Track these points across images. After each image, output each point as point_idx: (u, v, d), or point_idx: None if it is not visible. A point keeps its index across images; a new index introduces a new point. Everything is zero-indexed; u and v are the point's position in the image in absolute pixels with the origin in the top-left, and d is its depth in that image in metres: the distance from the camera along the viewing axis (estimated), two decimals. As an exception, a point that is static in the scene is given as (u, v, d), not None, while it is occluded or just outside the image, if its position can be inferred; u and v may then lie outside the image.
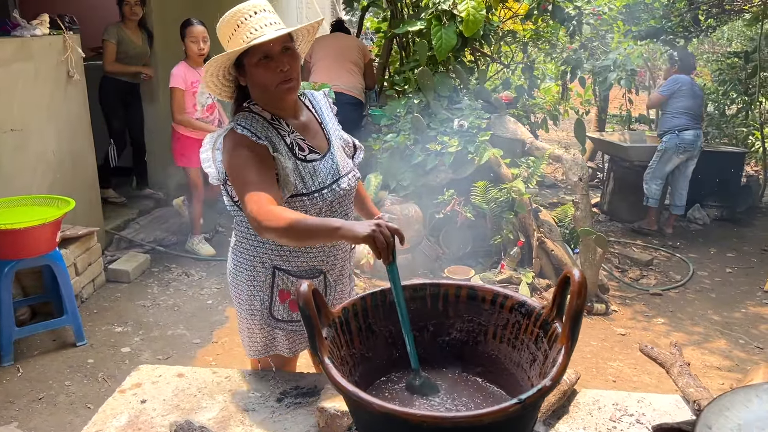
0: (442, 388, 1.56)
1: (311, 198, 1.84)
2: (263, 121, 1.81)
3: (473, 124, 4.55)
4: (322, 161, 1.88)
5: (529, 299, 1.57)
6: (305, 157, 1.85)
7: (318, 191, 1.84)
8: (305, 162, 1.84)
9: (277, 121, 1.84)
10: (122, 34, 5.27)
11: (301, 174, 1.83)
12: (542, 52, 7.41)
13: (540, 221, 4.49)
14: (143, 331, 3.77)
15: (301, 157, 1.84)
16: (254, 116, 1.81)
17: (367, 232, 1.45)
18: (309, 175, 1.84)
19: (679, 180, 5.87)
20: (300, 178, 1.82)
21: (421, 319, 1.68)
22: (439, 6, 4.50)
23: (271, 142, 1.78)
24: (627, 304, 4.44)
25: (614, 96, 10.25)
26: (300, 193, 1.82)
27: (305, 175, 1.83)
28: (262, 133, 1.77)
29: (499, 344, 1.62)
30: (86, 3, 7.42)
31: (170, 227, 5.32)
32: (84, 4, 7.19)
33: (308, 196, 1.83)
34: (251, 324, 2.01)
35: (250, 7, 1.75)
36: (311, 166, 1.85)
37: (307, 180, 1.83)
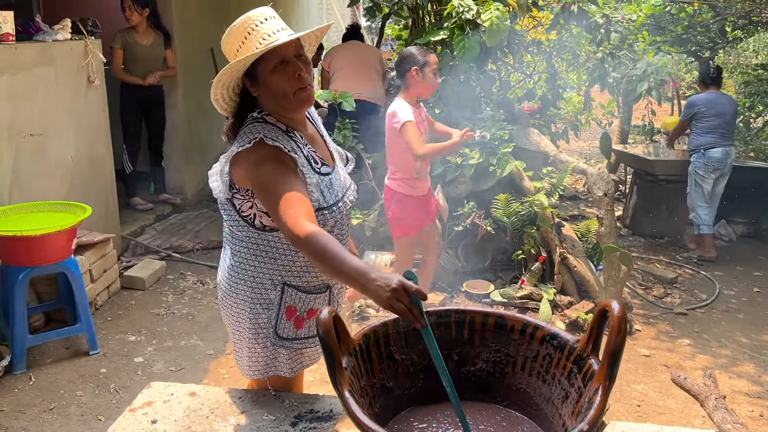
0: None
1: (331, 211, 1.79)
2: (282, 133, 1.75)
3: (495, 135, 4.46)
4: (334, 174, 1.85)
5: (562, 331, 1.48)
6: (320, 170, 1.80)
7: (335, 204, 1.80)
8: (321, 175, 1.80)
9: (292, 133, 1.79)
10: (128, 38, 5.25)
11: (321, 187, 1.78)
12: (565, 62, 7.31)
13: (562, 236, 4.39)
14: (157, 340, 3.72)
15: (317, 170, 1.79)
16: (272, 127, 1.74)
17: (384, 302, 1.38)
18: (327, 189, 1.79)
19: (712, 199, 5.72)
20: (320, 192, 1.77)
21: (445, 348, 1.59)
22: (463, 15, 4.42)
23: (297, 155, 1.73)
24: (651, 323, 4.32)
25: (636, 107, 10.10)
26: (322, 207, 1.76)
27: (324, 188, 1.78)
28: (289, 146, 1.71)
29: (528, 377, 1.53)
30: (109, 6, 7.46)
31: (186, 233, 5.28)
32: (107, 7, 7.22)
33: (328, 210, 1.78)
34: (253, 343, 1.92)
35: (260, 14, 1.71)
36: (327, 179, 1.81)
37: (326, 193, 1.79)
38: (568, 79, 8.31)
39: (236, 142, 1.74)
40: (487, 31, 4.24)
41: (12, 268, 3.25)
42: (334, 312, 1.33)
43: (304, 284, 1.87)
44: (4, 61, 3.56)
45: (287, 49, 1.70)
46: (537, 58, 6.41)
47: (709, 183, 5.52)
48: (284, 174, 1.65)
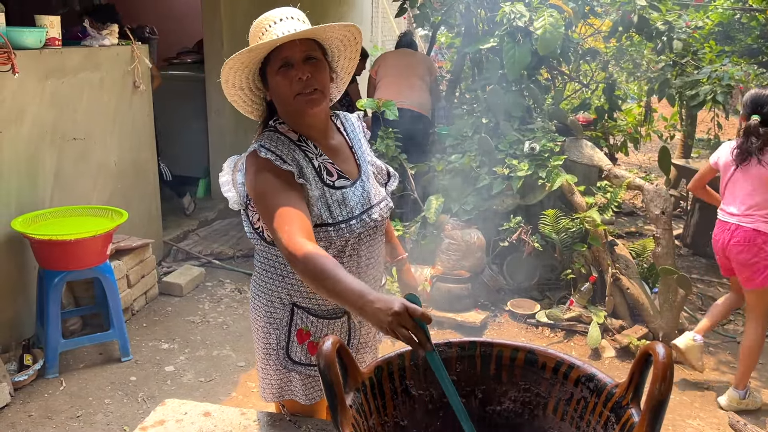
0: None
1: (337, 229, 1.65)
2: (289, 143, 1.66)
3: (545, 147, 4.25)
4: (352, 188, 1.71)
5: (600, 373, 1.30)
6: (333, 183, 1.68)
7: (345, 221, 1.66)
8: (333, 188, 1.67)
9: (304, 143, 1.68)
10: None
11: (328, 202, 1.65)
12: (625, 71, 7.00)
13: (615, 255, 4.13)
14: (189, 349, 3.67)
15: (329, 183, 1.67)
16: (279, 136, 1.66)
17: (384, 328, 1.25)
18: (336, 204, 1.66)
19: None
20: (326, 207, 1.65)
21: (469, 384, 1.44)
22: (514, 22, 4.24)
23: (298, 166, 1.62)
24: (710, 352, 4.01)
25: (701, 119, 9.64)
26: (325, 222, 1.64)
27: (332, 203, 1.66)
28: (288, 156, 1.62)
29: (560, 421, 1.36)
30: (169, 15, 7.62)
31: (229, 240, 5.26)
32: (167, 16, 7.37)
33: (334, 226, 1.65)
34: (266, 364, 1.83)
35: (278, 14, 1.64)
36: (340, 194, 1.67)
37: (334, 209, 1.66)
38: (628, 89, 7.98)
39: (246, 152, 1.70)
40: (540, 39, 4.05)
41: (48, 272, 3.26)
42: (339, 342, 1.20)
43: (315, 307, 1.76)
44: (49, 65, 3.59)
45: (292, 51, 1.59)
46: (595, 67, 6.15)
47: None
48: (279, 187, 1.56)
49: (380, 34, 12.08)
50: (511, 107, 4.52)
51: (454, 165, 4.44)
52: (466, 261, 4.17)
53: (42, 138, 3.60)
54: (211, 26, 5.63)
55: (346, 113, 1.92)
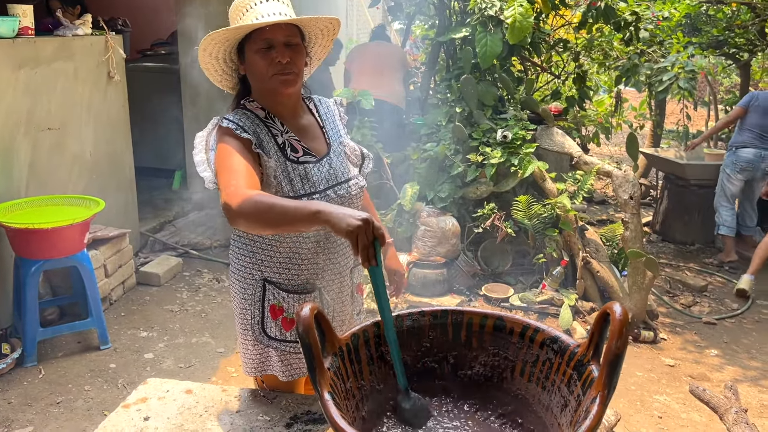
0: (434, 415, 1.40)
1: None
2: (254, 118, 1.72)
3: (518, 135, 4.34)
4: (316, 165, 1.76)
5: (563, 335, 1.38)
6: (297, 158, 1.74)
7: (307, 195, 1.71)
8: (296, 163, 1.73)
9: (271, 120, 1.75)
10: None
11: (290, 176, 1.71)
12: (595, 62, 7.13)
13: (586, 240, 4.25)
14: (168, 337, 3.69)
15: (292, 158, 1.73)
16: (246, 112, 1.73)
17: (350, 226, 1.29)
18: (299, 178, 1.72)
19: (745, 205, 5.51)
20: (288, 180, 1.70)
21: (441, 350, 1.51)
22: (485, 12, 4.32)
23: (258, 138, 1.68)
24: (677, 332, 4.14)
25: (671, 111, 9.85)
26: (286, 195, 1.70)
27: (294, 177, 1.71)
28: (250, 128, 1.68)
29: (527, 383, 1.44)
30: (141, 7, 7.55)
31: (205, 231, 5.27)
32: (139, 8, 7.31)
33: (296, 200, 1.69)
34: (245, 339, 1.89)
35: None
36: (302, 168, 1.73)
37: (296, 182, 1.71)
38: (599, 80, 8.13)
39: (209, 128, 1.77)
40: (510, 28, 4.14)
41: (25, 261, 3.26)
42: (317, 308, 1.26)
43: (285, 282, 1.81)
44: (23, 54, 3.58)
45: (275, 33, 1.66)
46: (566, 58, 6.26)
47: (736, 184, 5.33)
48: (234, 150, 1.62)
49: (355, 27, 12.10)
50: (484, 96, 4.60)
51: (429, 153, 4.52)
52: (441, 247, 4.25)
53: (16, 128, 3.59)
54: (184, 18, 5.61)
55: (323, 98, 1.97)
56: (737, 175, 5.31)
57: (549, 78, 6.68)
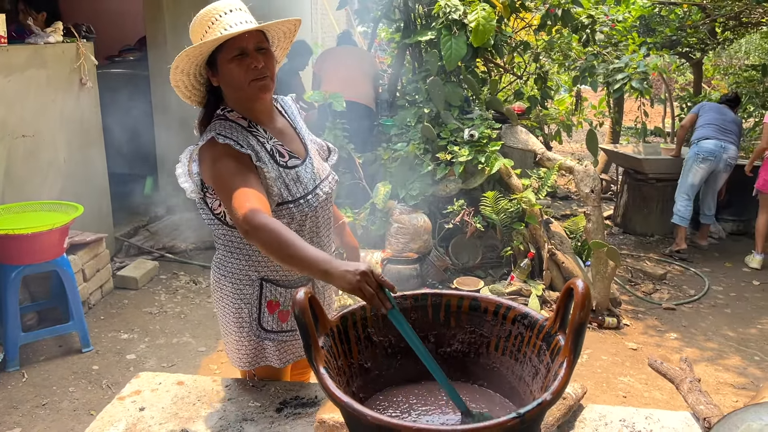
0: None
1: (297, 205, 1.80)
2: (241, 129, 1.76)
3: (484, 134, 4.52)
4: (303, 166, 1.84)
5: (532, 311, 1.53)
6: (286, 163, 1.81)
7: (303, 197, 1.80)
8: (287, 168, 1.80)
9: (254, 128, 1.79)
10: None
11: (285, 181, 1.78)
12: (555, 63, 7.38)
13: (551, 233, 4.44)
14: (149, 338, 3.76)
15: (282, 164, 1.79)
16: (231, 123, 1.76)
17: (350, 284, 1.40)
18: (293, 182, 1.80)
19: (707, 194, 5.78)
20: (285, 186, 1.78)
21: (423, 330, 1.64)
22: (450, 15, 4.48)
23: (254, 151, 1.73)
24: (639, 318, 4.37)
25: (629, 109, 10.19)
26: (286, 201, 1.77)
27: (289, 182, 1.79)
28: (244, 141, 1.72)
29: (501, 356, 1.58)
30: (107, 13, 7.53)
31: (180, 234, 5.33)
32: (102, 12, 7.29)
33: (294, 203, 1.79)
34: (239, 336, 1.95)
35: (225, 5, 1.73)
36: (294, 173, 1.81)
37: (292, 187, 1.79)
38: (559, 80, 8.39)
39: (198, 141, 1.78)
40: (474, 31, 4.31)
41: (5, 267, 3.30)
42: (311, 293, 1.38)
43: (282, 278, 1.89)
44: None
45: (246, 41, 1.70)
46: (527, 59, 6.48)
47: (698, 175, 5.58)
48: (238, 169, 1.66)
49: (320, 31, 12.19)
50: (451, 97, 4.76)
51: (399, 153, 4.66)
52: (414, 243, 4.40)
53: (-9, 136, 3.62)
54: (153, 24, 5.66)
55: (283, 97, 2.04)
56: (700, 165, 5.57)
57: (512, 78, 6.89)
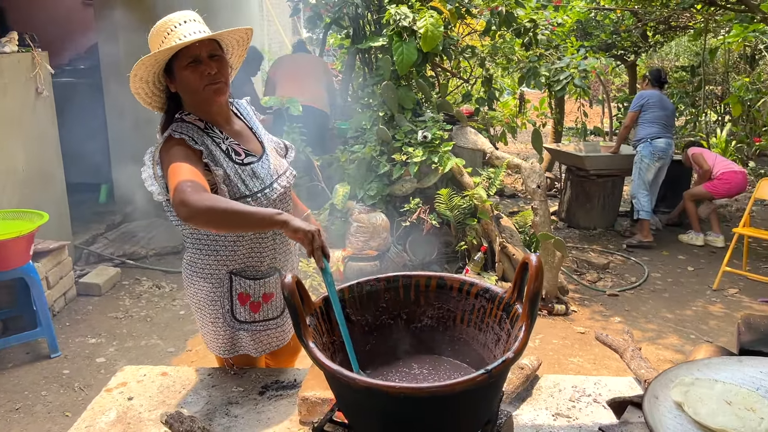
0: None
1: (255, 198, 1.92)
2: (197, 130, 1.88)
3: (436, 135, 4.74)
4: (259, 163, 1.97)
5: (493, 285, 1.73)
6: (242, 161, 1.93)
7: (260, 191, 1.93)
8: (243, 165, 1.93)
9: (211, 129, 1.92)
10: None
11: (242, 177, 1.91)
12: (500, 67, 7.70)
13: (501, 227, 4.69)
14: (117, 341, 3.81)
15: (238, 161, 1.92)
16: (188, 125, 1.88)
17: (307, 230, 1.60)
18: (249, 178, 1.92)
19: (652, 187, 6.15)
20: (241, 181, 1.90)
21: (396, 309, 1.81)
22: (400, 23, 4.69)
23: (207, 149, 1.85)
24: (586, 304, 4.66)
25: (570, 110, 10.64)
26: (243, 195, 1.89)
27: (245, 177, 1.91)
28: (198, 140, 1.84)
29: (466, 328, 1.77)
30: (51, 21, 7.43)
31: (139, 241, 5.35)
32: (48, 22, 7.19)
33: (252, 197, 1.91)
34: (215, 327, 2.07)
35: (181, 16, 1.85)
36: (250, 169, 1.94)
37: (248, 182, 1.92)
38: (503, 83, 8.72)
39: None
40: (423, 37, 4.52)
41: (-30, 276, 3.31)
42: (297, 278, 1.54)
43: (251, 270, 2.02)
44: (-47, 73, 3.61)
45: (200, 49, 1.82)
46: (473, 63, 6.76)
47: (652, 171, 5.97)
48: (186, 158, 1.77)
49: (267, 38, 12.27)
50: (404, 101, 4.97)
51: (356, 155, 4.84)
52: (373, 241, 4.58)
53: (-51, 146, 3.62)
54: (105, 33, 5.67)
55: (238, 101, 2.17)
56: (655, 164, 5.96)
57: (459, 82, 7.17)
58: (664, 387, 1.62)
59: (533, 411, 1.96)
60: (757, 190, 5.12)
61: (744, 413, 1.48)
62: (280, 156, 2.16)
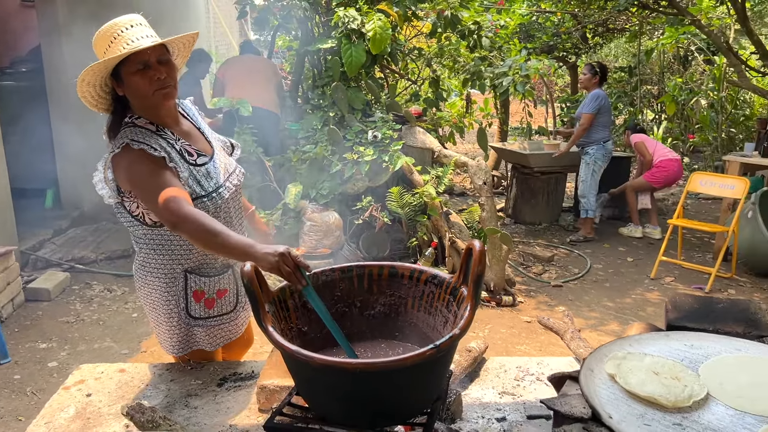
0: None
1: (210, 198, 1.94)
2: (151, 134, 1.88)
3: (386, 135, 4.85)
4: (211, 162, 2.00)
5: (441, 272, 1.84)
6: (195, 161, 1.96)
7: (215, 191, 1.96)
8: (197, 166, 1.95)
9: (163, 131, 1.92)
10: None
11: (197, 177, 1.93)
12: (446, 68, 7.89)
13: (451, 223, 4.84)
14: (69, 346, 3.78)
15: (192, 162, 1.94)
16: (140, 129, 1.88)
17: (270, 264, 1.62)
18: (204, 178, 1.95)
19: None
20: (196, 182, 1.93)
21: (350, 297, 1.90)
22: (348, 25, 4.79)
23: (167, 152, 1.86)
24: (532, 295, 4.85)
25: (515, 110, 10.94)
26: (199, 195, 1.92)
27: (200, 178, 1.94)
28: (156, 145, 1.85)
29: (417, 313, 1.87)
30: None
31: (88, 246, 5.28)
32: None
33: (207, 197, 1.94)
34: (170, 326, 2.09)
35: (127, 21, 1.85)
36: (204, 169, 1.96)
37: (203, 182, 1.95)
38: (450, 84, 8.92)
39: (110, 148, 1.89)
40: (371, 40, 4.63)
41: None
42: (255, 267, 1.61)
43: (205, 268, 2.06)
44: None
45: (149, 54, 1.83)
46: (421, 65, 6.91)
47: (601, 172, 6.23)
48: (155, 171, 1.81)
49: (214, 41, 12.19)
50: (354, 101, 5.07)
51: (308, 155, 4.91)
52: (326, 240, 4.66)
53: None
54: (49, 36, 5.58)
55: (183, 101, 2.19)
56: (604, 165, 6.21)
57: (407, 84, 7.31)
58: (598, 361, 1.76)
59: (481, 390, 2.08)
60: (689, 184, 5.42)
61: (669, 382, 1.62)
62: (227, 154, 2.20)
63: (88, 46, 1.91)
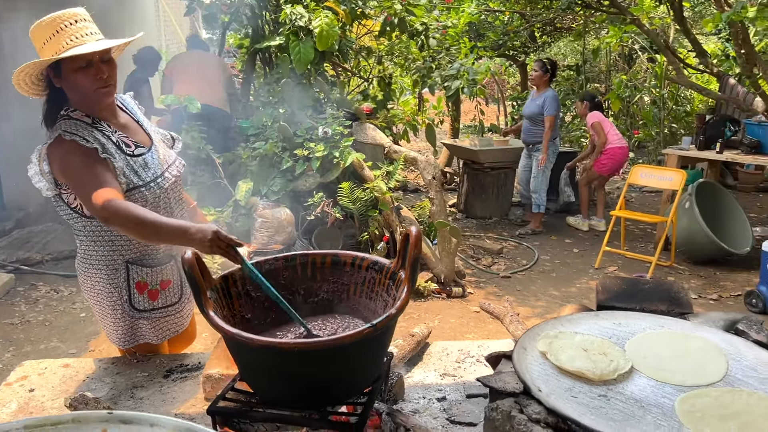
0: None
1: (148, 188, 1.97)
2: (86, 126, 1.90)
3: (336, 131, 4.90)
4: (149, 154, 2.03)
5: (381, 258, 1.90)
6: (133, 152, 1.98)
7: (153, 181, 1.99)
8: (134, 157, 1.98)
9: (99, 124, 1.94)
10: None
11: (134, 168, 1.96)
12: (398, 67, 7.97)
13: (402, 217, 4.91)
14: (14, 347, 3.71)
15: (129, 153, 1.97)
16: (76, 122, 1.89)
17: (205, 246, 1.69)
18: (141, 168, 1.98)
19: None
20: (134, 172, 1.95)
21: (294, 285, 1.94)
22: (296, 22, 4.81)
23: (100, 144, 1.88)
24: (481, 287, 4.96)
25: (469, 108, 11.12)
26: (137, 185, 1.94)
27: (138, 168, 1.97)
28: (90, 136, 1.87)
29: (359, 298, 1.92)
30: None
31: (33, 246, 5.17)
32: None
33: (145, 186, 1.96)
34: (114, 318, 2.10)
35: (71, 15, 1.85)
36: (141, 160, 1.99)
37: (141, 172, 1.97)
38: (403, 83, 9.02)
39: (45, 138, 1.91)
40: (318, 37, 4.67)
41: None
42: (196, 254, 1.63)
43: (147, 258, 2.07)
44: None
45: (93, 54, 1.84)
46: (371, 63, 6.97)
47: (551, 168, 6.39)
48: (87, 163, 1.83)
49: (163, 38, 12.03)
50: (303, 98, 5.10)
51: (258, 152, 4.91)
52: (278, 236, 4.67)
53: None
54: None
55: (122, 95, 2.20)
56: (554, 161, 6.38)
57: (359, 81, 7.36)
58: (531, 340, 1.85)
59: (423, 372, 2.15)
60: (630, 176, 5.63)
61: (597, 357, 1.72)
62: (168, 147, 2.21)
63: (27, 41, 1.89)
